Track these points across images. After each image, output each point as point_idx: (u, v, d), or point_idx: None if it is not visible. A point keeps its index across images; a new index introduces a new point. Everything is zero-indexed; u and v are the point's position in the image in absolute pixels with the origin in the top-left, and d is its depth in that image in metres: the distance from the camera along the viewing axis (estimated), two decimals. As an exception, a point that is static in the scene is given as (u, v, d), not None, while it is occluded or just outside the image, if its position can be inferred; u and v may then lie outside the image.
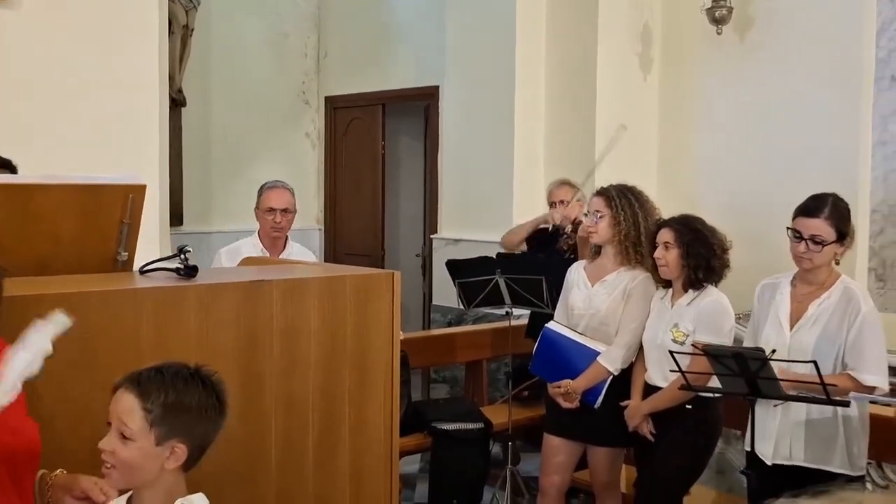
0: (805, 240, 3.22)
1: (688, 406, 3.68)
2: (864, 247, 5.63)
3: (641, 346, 3.87)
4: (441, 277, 6.53)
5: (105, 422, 1.92)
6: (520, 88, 6.40)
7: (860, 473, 3.25)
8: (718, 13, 5.85)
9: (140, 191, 2.78)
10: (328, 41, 8.35)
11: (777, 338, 3.27)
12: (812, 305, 3.28)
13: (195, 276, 2.56)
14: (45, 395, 2.13)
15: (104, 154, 4.48)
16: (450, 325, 6.64)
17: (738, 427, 3.68)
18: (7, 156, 3.83)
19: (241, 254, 4.11)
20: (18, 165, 3.82)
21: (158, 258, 2.70)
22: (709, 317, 3.65)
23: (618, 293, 3.92)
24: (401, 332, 3.03)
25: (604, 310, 3.94)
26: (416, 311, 7.67)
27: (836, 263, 3.33)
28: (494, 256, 4.79)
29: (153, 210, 4.28)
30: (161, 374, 1.94)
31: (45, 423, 2.07)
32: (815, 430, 3.23)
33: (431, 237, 7.28)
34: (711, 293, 3.70)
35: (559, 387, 3.97)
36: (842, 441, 3.22)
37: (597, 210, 3.93)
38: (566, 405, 3.96)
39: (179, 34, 7.18)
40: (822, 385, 2.92)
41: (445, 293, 6.50)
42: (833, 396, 2.99)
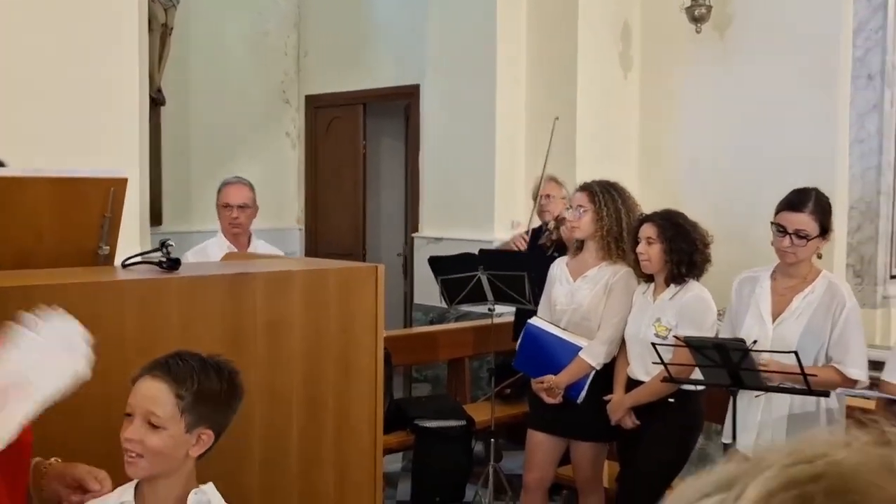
0: (790, 234, 3.25)
1: (670, 400, 3.70)
2: (842, 243, 5.68)
3: (623, 341, 3.89)
4: (423, 276, 6.53)
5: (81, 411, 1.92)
6: (500, 87, 6.41)
7: None
8: (698, 12, 5.88)
9: (121, 184, 2.76)
10: (308, 40, 8.34)
11: (759, 331, 3.29)
12: (796, 299, 3.31)
13: (178, 270, 2.55)
14: (28, 388, 2.11)
15: (83, 152, 4.44)
16: (432, 324, 6.64)
17: (719, 421, 3.70)
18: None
19: (208, 253, 4.09)
20: (-2, 162, 3.78)
21: (140, 252, 2.69)
22: (691, 311, 3.68)
23: (599, 288, 3.94)
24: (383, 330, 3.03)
25: (586, 305, 3.95)
26: (398, 310, 7.66)
27: (819, 258, 3.36)
28: (476, 253, 4.80)
29: (133, 209, 4.25)
30: (187, 362, 1.97)
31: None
32: (798, 422, 3.26)
33: (413, 236, 7.27)
34: (693, 288, 3.73)
35: (542, 382, 3.98)
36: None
37: (580, 205, 3.94)
38: (549, 400, 3.97)
39: (158, 33, 7.14)
40: (804, 376, 2.94)
41: (427, 292, 6.49)
42: (814, 388, 3.01)
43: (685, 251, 3.69)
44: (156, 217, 7.00)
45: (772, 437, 3.30)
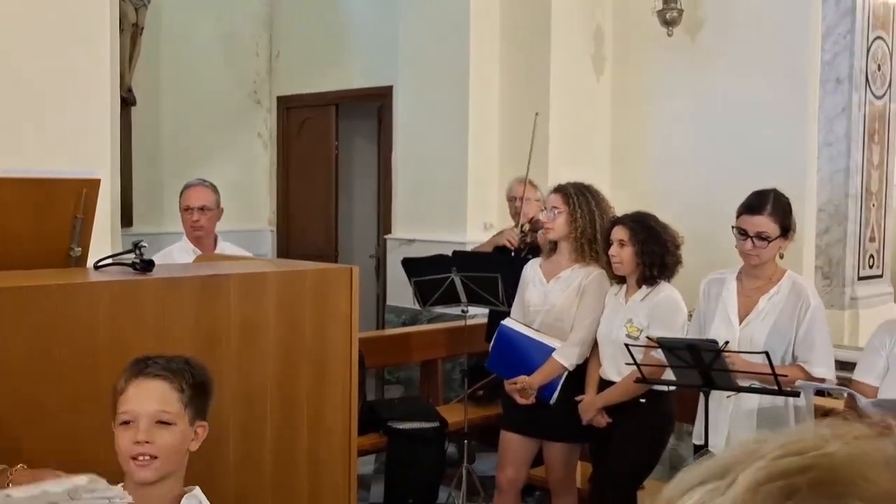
0: (751, 237, 3.29)
1: (641, 400, 3.73)
2: (811, 245, 5.75)
3: (596, 342, 3.91)
4: (395, 278, 6.52)
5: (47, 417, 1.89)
6: (473, 89, 6.43)
7: None
8: (669, 15, 5.93)
9: (94, 185, 2.74)
10: (280, 40, 8.30)
11: (727, 332, 3.33)
12: (762, 300, 3.34)
13: (151, 271, 2.53)
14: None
15: (53, 153, 4.39)
16: (404, 325, 6.63)
17: (690, 422, 3.73)
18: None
19: (174, 258, 4.05)
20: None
21: (113, 254, 2.67)
22: (662, 312, 3.70)
23: (572, 289, 3.96)
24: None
25: (559, 306, 3.97)
26: (370, 312, 7.65)
27: (780, 257, 3.40)
28: (450, 255, 4.80)
29: (104, 210, 4.21)
30: (172, 359, 1.99)
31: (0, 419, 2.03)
32: (767, 421, 3.30)
33: (385, 237, 7.27)
34: (665, 289, 3.76)
35: (515, 383, 3.99)
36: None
37: (554, 206, 3.96)
38: (522, 401, 3.98)
39: (129, 32, 7.08)
40: (774, 376, 2.98)
41: (400, 293, 6.49)
42: (784, 387, 3.05)
43: (657, 253, 3.72)
44: (126, 218, 6.93)
45: (742, 437, 3.33)
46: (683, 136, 6.13)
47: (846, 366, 3.80)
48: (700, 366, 3.09)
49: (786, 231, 3.32)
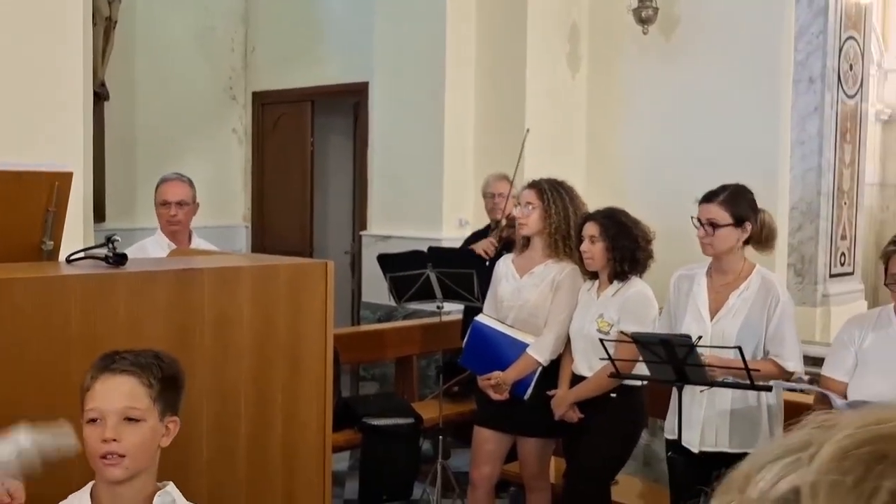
0: (703, 225, 3.34)
1: (612, 395, 3.75)
2: (784, 243, 5.80)
3: (568, 338, 3.92)
4: (370, 274, 6.51)
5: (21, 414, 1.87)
6: (449, 85, 6.43)
7: None
8: (644, 13, 5.96)
9: (66, 178, 2.72)
10: (256, 36, 8.26)
11: (698, 328, 3.35)
12: (732, 296, 3.38)
13: (124, 265, 2.51)
14: (-31, 385, 2.07)
15: (23, 146, 4.35)
16: (379, 322, 6.63)
17: (664, 416, 3.75)
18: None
19: (148, 252, 4.02)
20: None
21: (85, 247, 2.64)
22: (633, 307, 3.72)
23: (546, 285, 3.97)
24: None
25: (532, 301, 3.98)
26: (346, 309, 7.63)
27: (742, 246, 3.41)
28: (426, 251, 4.80)
29: (77, 204, 4.17)
30: (139, 353, 1.95)
31: (-31, 413, 2.01)
32: (739, 417, 3.33)
33: (361, 234, 7.26)
34: (636, 284, 3.78)
35: (489, 379, 3.99)
36: (765, 425, 3.34)
37: (528, 202, 3.96)
38: (496, 397, 3.99)
39: (102, 26, 7.02)
40: (747, 371, 3.00)
41: (375, 290, 6.48)
42: (757, 382, 3.08)
43: (627, 248, 3.74)
44: (99, 214, 6.89)
45: (715, 434, 3.36)
46: (658, 134, 6.16)
47: (818, 362, 3.84)
48: (673, 361, 3.11)
49: (740, 221, 3.35)
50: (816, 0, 5.77)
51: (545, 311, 3.96)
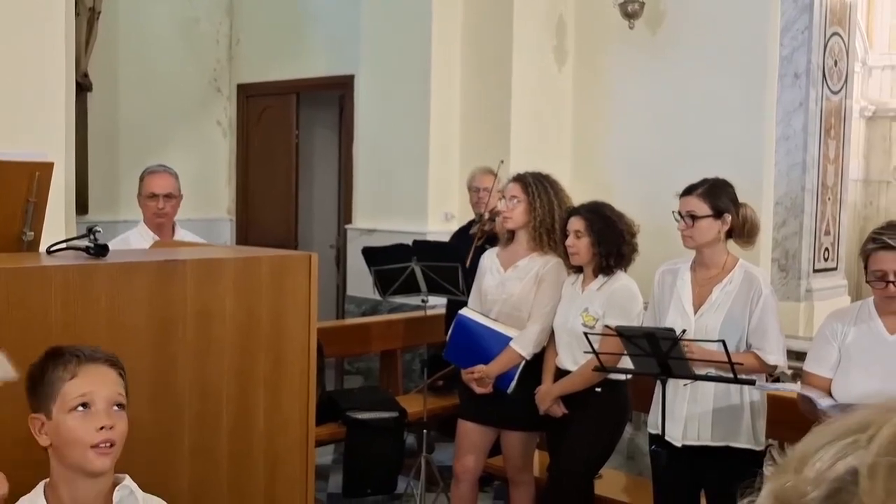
0: (683, 217, 3.35)
1: (597, 389, 3.75)
2: (768, 238, 5.82)
3: (553, 332, 3.92)
4: (355, 268, 6.50)
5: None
6: (435, 78, 6.41)
7: (762, 448, 3.38)
8: (630, 8, 5.96)
9: (47, 169, 2.69)
10: (241, 28, 8.22)
11: (682, 322, 3.35)
12: (715, 290, 3.38)
13: (105, 256, 2.49)
14: (-54, 376, 2.04)
15: (4, 136, 4.31)
16: (364, 316, 6.61)
17: (647, 411, 3.75)
18: None
19: (131, 244, 3.99)
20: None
21: (66, 238, 2.62)
22: (618, 301, 3.72)
23: (529, 278, 3.96)
24: (315, 321, 3.00)
25: (516, 295, 3.97)
26: (330, 302, 7.61)
27: (725, 240, 3.42)
28: (410, 244, 4.79)
29: (58, 196, 4.13)
30: (93, 349, 1.94)
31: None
32: (722, 410, 3.34)
33: (346, 227, 7.23)
34: (621, 278, 3.78)
35: (472, 372, 3.99)
36: (747, 419, 3.35)
37: (513, 195, 3.95)
38: (479, 391, 3.98)
39: (85, 17, 6.97)
40: (730, 364, 3.01)
41: (360, 283, 6.47)
42: (740, 375, 3.09)
43: (612, 243, 3.74)
44: (82, 206, 6.83)
45: (698, 428, 3.37)
46: (643, 129, 6.16)
47: (801, 356, 3.85)
48: (658, 354, 3.12)
49: (719, 213, 3.36)
50: (802, -4, 5.78)
51: (529, 305, 3.95)
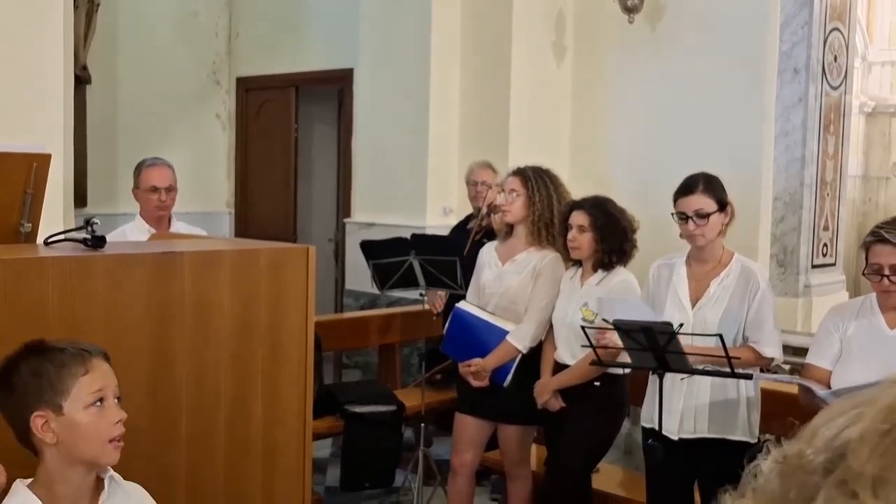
0: (691, 217, 3.32)
1: (595, 383, 3.75)
2: (766, 233, 5.82)
3: (551, 326, 3.92)
4: (354, 262, 6.50)
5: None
6: (434, 73, 6.40)
7: (756, 440, 3.40)
8: (630, 2, 5.94)
9: (44, 160, 2.68)
10: (240, 21, 8.20)
11: (680, 317, 3.35)
12: (713, 284, 3.38)
13: (103, 247, 2.48)
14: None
15: (1, 128, 4.30)
16: (362, 310, 6.61)
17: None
18: None
19: (127, 238, 3.99)
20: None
21: (64, 230, 2.62)
22: (618, 296, 3.72)
23: (527, 272, 3.96)
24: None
25: (514, 289, 3.97)
26: (329, 296, 7.61)
27: (723, 234, 3.42)
28: (408, 238, 4.78)
29: (56, 188, 4.12)
30: (87, 343, 1.95)
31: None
32: (719, 403, 3.35)
33: (344, 221, 7.23)
34: (620, 273, 3.78)
35: (469, 365, 3.99)
36: (743, 412, 3.36)
37: (512, 189, 3.95)
38: (476, 384, 3.98)
39: (84, 9, 6.95)
40: (728, 359, 3.01)
41: (358, 277, 6.47)
42: (737, 370, 3.09)
43: (615, 240, 3.74)
44: (80, 198, 6.82)
45: (694, 421, 3.37)
46: (642, 124, 6.16)
47: (800, 352, 3.85)
48: (655, 348, 3.11)
49: (723, 206, 3.36)
50: (802, -9, 5.78)
51: (526, 299, 3.95)
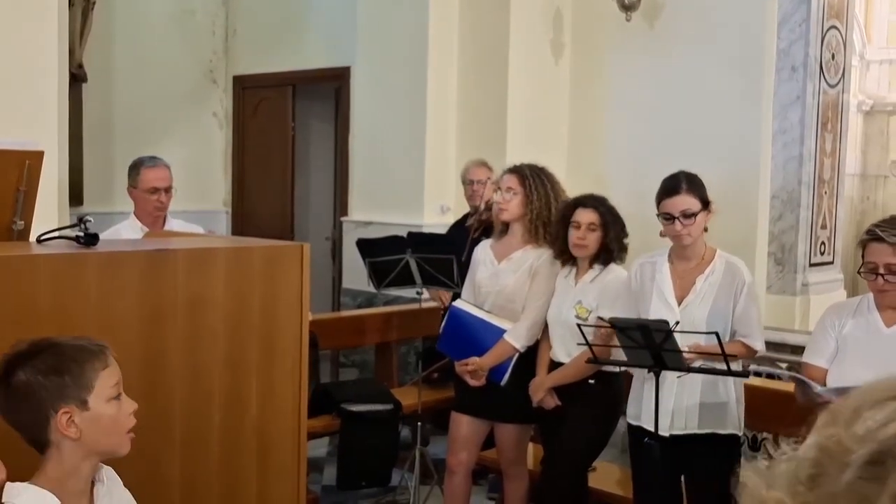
0: (677, 218, 3.32)
1: (590, 381, 3.74)
2: (764, 232, 5.81)
3: (546, 324, 3.91)
4: (351, 260, 6.48)
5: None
6: (432, 71, 6.39)
7: (741, 433, 3.46)
8: (628, 0, 5.93)
9: (37, 157, 2.67)
10: (237, 19, 8.19)
11: (667, 314, 3.35)
12: (698, 281, 3.38)
13: (96, 245, 2.47)
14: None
15: (-4, 126, 4.29)
16: (360, 308, 6.60)
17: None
18: None
19: (121, 237, 3.98)
20: None
21: (57, 228, 2.60)
22: (612, 293, 3.71)
23: (523, 271, 3.95)
24: (309, 314, 2.98)
25: (510, 287, 3.95)
26: (326, 295, 7.60)
27: (705, 230, 3.43)
28: (405, 236, 4.77)
29: (51, 186, 4.11)
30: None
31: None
32: (709, 399, 3.36)
33: (342, 220, 7.22)
34: (614, 270, 3.78)
35: (466, 364, 3.97)
36: (732, 406, 3.39)
37: (509, 187, 3.94)
38: (473, 383, 3.97)
39: (80, 7, 6.93)
40: (724, 356, 3.00)
41: (355, 276, 6.45)
42: (732, 366, 3.10)
43: (619, 237, 3.75)
44: (76, 197, 6.82)
45: (685, 417, 3.37)
46: (640, 122, 6.15)
47: (797, 350, 3.85)
48: (650, 346, 3.11)
49: (706, 204, 3.37)
50: (800, -12, 5.77)
51: (522, 297, 3.94)
